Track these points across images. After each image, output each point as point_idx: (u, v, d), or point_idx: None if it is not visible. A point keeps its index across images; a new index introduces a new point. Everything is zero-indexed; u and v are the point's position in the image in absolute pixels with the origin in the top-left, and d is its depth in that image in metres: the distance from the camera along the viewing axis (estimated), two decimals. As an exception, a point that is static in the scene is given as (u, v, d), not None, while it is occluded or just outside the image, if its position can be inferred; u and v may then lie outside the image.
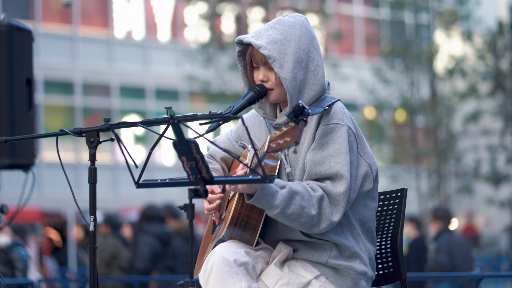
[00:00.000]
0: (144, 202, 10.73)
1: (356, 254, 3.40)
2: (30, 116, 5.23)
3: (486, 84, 24.95)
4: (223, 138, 3.72)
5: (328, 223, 3.29)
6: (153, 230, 9.26)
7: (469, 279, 6.75)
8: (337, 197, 3.29)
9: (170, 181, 3.08)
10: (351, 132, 3.37)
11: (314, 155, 3.34)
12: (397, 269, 3.68)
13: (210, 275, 3.28)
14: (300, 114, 2.88)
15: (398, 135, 25.75)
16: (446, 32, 24.29)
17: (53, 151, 23.39)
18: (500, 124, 25.47)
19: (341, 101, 3.47)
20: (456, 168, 24.57)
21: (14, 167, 5.14)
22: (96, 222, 3.22)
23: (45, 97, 26.06)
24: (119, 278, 9.45)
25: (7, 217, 5.63)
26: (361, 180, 3.40)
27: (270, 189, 3.22)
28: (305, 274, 3.37)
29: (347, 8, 31.06)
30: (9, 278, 7.85)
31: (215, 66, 21.74)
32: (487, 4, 28.82)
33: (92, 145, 3.25)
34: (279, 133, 2.97)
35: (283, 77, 3.35)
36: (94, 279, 3.17)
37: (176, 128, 2.98)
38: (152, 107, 27.80)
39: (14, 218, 5.41)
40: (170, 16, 28.51)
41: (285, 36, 3.39)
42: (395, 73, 24.10)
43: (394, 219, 3.75)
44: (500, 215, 29.06)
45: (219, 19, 22.69)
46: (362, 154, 3.42)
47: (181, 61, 26.97)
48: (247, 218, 3.36)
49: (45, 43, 25.74)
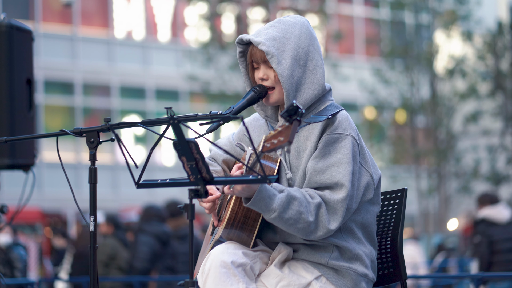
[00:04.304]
0: (144, 202, 10.73)
1: (357, 256, 3.39)
2: (30, 116, 5.22)
3: (486, 85, 24.96)
4: (225, 141, 3.72)
5: (325, 230, 3.28)
6: (153, 230, 9.26)
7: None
8: (335, 205, 3.28)
9: (170, 181, 3.08)
10: (355, 143, 3.37)
11: (315, 163, 3.33)
12: (397, 270, 3.67)
13: (207, 277, 3.28)
14: (294, 114, 2.88)
15: (398, 135, 25.76)
16: (446, 32, 24.31)
17: (53, 151, 23.40)
18: (500, 125, 25.47)
19: (345, 109, 3.47)
20: (456, 168, 24.58)
21: (14, 167, 5.14)
22: (96, 222, 3.22)
23: (45, 97, 26.07)
24: (119, 279, 9.45)
25: (7, 217, 5.63)
26: (363, 190, 3.39)
27: (267, 192, 3.22)
28: (305, 275, 3.37)
29: (347, 8, 31.06)
30: (8, 278, 7.85)
31: (215, 66, 21.75)
32: (487, 4, 28.81)
33: (92, 145, 3.25)
34: (274, 133, 2.97)
35: (280, 73, 3.35)
36: (94, 279, 3.17)
37: (176, 128, 2.97)
38: (152, 107, 27.80)
39: (14, 218, 5.41)
40: (170, 16, 28.51)
41: (285, 34, 3.40)
42: (395, 73, 24.11)
43: (394, 219, 3.75)
44: (500, 215, 28.99)
45: (219, 19, 22.70)
46: (363, 164, 3.41)
47: (181, 61, 26.97)
48: (244, 219, 3.35)
49: (45, 43, 25.75)
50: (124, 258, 9.79)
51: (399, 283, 3.67)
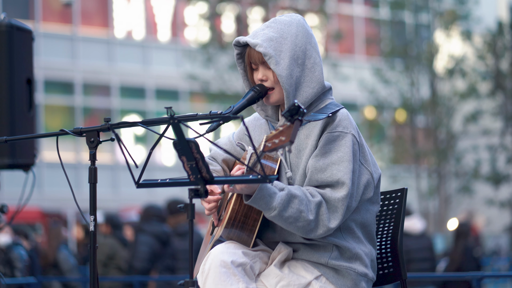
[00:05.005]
0: (144, 202, 10.73)
1: (357, 256, 3.39)
2: (30, 116, 5.22)
3: (486, 84, 24.95)
4: (225, 141, 3.72)
5: (325, 229, 3.28)
6: (152, 230, 9.26)
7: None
8: (336, 203, 3.28)
9: (170, 181, 3.08)
10: (356, 141, 3.37)
11: (316, 161, 3.33)
12: (397, 269, 3.67)
13: (207, 276, 3.28)
14: (295, 113, 2.87)
15: (398, 135, 25.76)
16: (446, 32, 24.31)
17: (53, 151, 23.40)
18: (500, 124, 25.47)
19: (345, 108, 3.46)
20: (456, 168, 24.58)
21: (14, 167, 5.14)
22: (96, 222, 3.22)
23: (45, 97, 26.06)
24: (119, 278, 9.45)
25: (7, 217, 5.63)
26: (363, 188, 3.39)
27: (268, 191, 3.22)
28: (305, 275, 3.37)
29: (347, 8, 31.06)
30: (9, 278, 7.85)
31: (215, 66, 21.75)
32: (487, 4, 28.82)
33: (92, 145, 3.25)
34: (275, 133, 2.97)
35: (279, 73, 3.35)
36: (94, 279, 3.17)
37: (176, 128, 2.97)
38: (152, 107, 27.80)
39: (14, 218, 5.40)
40: (170, 16, 28.51)
41: (281, 34, 3.40)
42: (395, 73, 24.11)
43: (394, 219, 3.75)
44: (500, 215, 29.06)
45: (219, 19, 22.70)
46: (363, 162, 3.41)
47: (181, 61, 26.97)
48: (245, 218, 3.35)
49: (45, 43, 25.74)
50: (123, 258, 9.79)
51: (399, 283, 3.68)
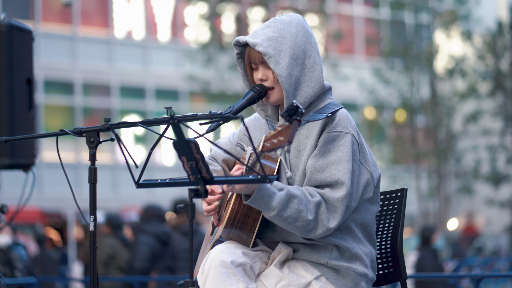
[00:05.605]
0: (144, 202, 10.73)
1: (357, 256, 3.39)
2: (30, 116, 5.22)
3: (486, 84, 24.95)
4: (225, 141, 3.72)
5: (324, 229, 3.28)
6: (152, 230, 9.26)
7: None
8: (335, 203, 3.28)
9: (170, 181, 3.08)
10: (355, 141, 3.36)
11: (315, 161, 3.33)
12: (397, 269, 3.67)
13: (207, 276, 3.28)
14: (294, 113, 2.88)
15: (398, 135, 25.76)
16: (446, 32, 24.31)
17: (53, 151, 23.40)
18: (500, 124, 25.47)
19: (345, 108, 3.46)
20: (456, 168, 24.58)
21: (14, 167, 5.14)
22: (96, 222, 3.21)
23: (45, 97, 26.06)
24: (119, 278, 9.45)
25: (7, 217, 5.63)
26: (363, 188, 3.39)
27: (267, 191, 3.22)
28: (305, 275, 3.37)
29: (347, 8, 31.06)
30: (9, 278, 7.85)
31: (215, 66, 21.75)
32: (487, 4, 28.81)
33: (92, 145, 3.25)
34: (274, 133, 2.97)
35: (279, 73, 3.35)
36: (94, 279, 3.17)
37: (176, 128, 2.97)
38: (152, 107, 27.80)
39: (14, 218, 5.40)
40: (170, 16, 28.51)
41: (281, 33, 3.40)
42: (395, 73, 24.11)
43: (394, 219, 3.75)
44: (500, 215, 29.07)
45: (219, 19, 22.70)
46: (363, 162, 3.41)
47: (181, 61, 26.97)
48: (244, 218, 3.35)
49: (45, 43, 25.74)
50: (124, 258, 9.79)
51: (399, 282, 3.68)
